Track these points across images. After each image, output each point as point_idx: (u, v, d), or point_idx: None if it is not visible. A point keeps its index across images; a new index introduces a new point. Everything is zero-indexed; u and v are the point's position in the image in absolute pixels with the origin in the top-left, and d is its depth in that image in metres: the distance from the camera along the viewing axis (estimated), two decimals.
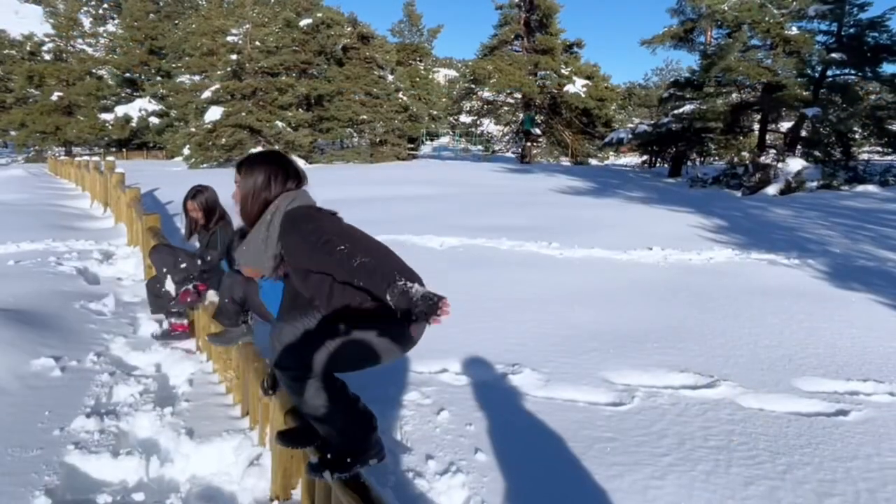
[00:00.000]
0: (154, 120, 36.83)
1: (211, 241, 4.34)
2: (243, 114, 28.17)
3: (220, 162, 28.24)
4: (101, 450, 3.07)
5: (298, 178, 2.39)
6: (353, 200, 12.52)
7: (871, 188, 15.96)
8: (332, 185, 15.76)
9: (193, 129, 28.89)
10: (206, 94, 29.42)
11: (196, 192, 4.34)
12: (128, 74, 39.20)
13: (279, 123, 28.78)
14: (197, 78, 34.90)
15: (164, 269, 4.54)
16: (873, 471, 2.97)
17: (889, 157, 20.10)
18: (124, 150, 37.92)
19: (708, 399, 3.72)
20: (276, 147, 27.98)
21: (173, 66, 38.31)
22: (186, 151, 29.04)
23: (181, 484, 3.02)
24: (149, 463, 3.06)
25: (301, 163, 27.85)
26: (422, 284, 1.99)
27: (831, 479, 2.87)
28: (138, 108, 36.80)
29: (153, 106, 37.06)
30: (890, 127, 18.62)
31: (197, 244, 4.52)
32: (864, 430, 3.35)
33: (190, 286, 4.34)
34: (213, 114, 28.22)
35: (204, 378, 3.97)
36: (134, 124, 36.53)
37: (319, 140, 32.68)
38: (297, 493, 2.75)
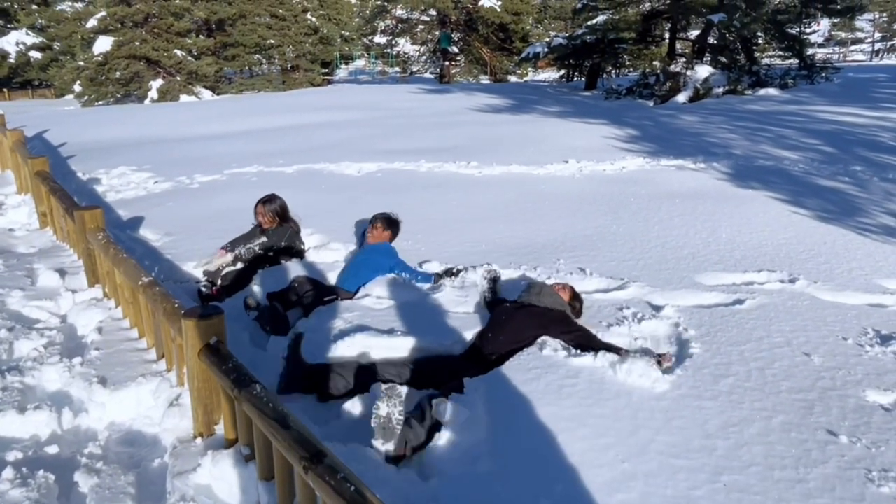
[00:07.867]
0: (35, 54, 33.32)
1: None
2: (137, 43, 25.84)
3: (117, 98, 26.10)
4: (5, 407, 2.93)
5: None
6: (265, 131, 11.94)
7: (772, 91, 16.67)
8: (241, 116, 14.94)
9: (82, 63, 26.37)
10: (92, 22, 26.69)
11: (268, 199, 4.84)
12: None
13: (179, 52, 26.68)
14: (80, 5, 31.52)
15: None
16: (763, 351, 3.24)
17: (788, 61, 20.93)
18: (5, 90, 34.34)
19: (619, 300, 3.92)
20: (178, 78, 26.09)
21: None
22: (78, 88, 26.58)
23: (99, 432, 2.95)
24: (61, 415, 2.97)
25: (207, 94, 26.32)
26: None
27: (727, 363, 3.11)
28: (15, 41, 33.10)
29: (32, 38, 33.41)
30: (789, 31, 19.30)
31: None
32: (756, 316, 3.63)
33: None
34: (103, 44, 25.72)
35: (114, 325, 3.80)
36: (12, 60, 32.96)
37: (226, 69, 30.64)
38: (221, 429, 2.74)
